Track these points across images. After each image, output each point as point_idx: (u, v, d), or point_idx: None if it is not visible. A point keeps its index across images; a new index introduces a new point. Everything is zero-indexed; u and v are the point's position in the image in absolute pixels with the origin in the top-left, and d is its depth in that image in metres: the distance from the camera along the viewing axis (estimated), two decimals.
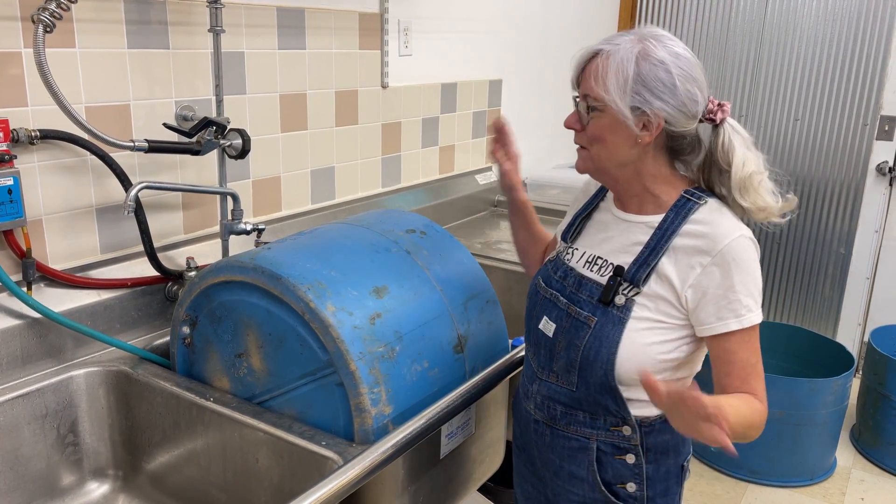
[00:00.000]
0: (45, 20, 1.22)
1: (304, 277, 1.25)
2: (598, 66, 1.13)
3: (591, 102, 1.16)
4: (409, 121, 2.35)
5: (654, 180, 1.19)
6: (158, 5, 1.55)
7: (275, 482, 1.28)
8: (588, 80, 1.15)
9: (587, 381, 1.21)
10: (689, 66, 1.12)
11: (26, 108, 1.37)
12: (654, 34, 1.13)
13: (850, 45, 3.27)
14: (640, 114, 1.11)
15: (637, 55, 1.10)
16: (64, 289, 1.46)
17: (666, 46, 1.11)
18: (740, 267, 1.12)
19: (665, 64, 1.10)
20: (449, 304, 1.40)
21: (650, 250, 1.17)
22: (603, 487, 1.26)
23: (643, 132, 1.13)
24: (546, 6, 2.99)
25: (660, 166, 1.18)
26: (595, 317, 1.19)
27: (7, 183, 1.31)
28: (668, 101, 1.10)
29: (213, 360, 1.39)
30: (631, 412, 1.21)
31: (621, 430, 1.22)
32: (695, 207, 1.16)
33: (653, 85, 1.10)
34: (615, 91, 1.11)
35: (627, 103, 1.11)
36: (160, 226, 1.65)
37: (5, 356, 1.36)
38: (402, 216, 1.58)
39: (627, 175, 1.19)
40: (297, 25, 1.88)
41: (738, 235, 1.12)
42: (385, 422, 1.22)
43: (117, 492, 1.48)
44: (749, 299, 1.12)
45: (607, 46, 1.13)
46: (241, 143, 1.61)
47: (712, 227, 1.14)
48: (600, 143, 1.17)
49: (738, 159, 1.14)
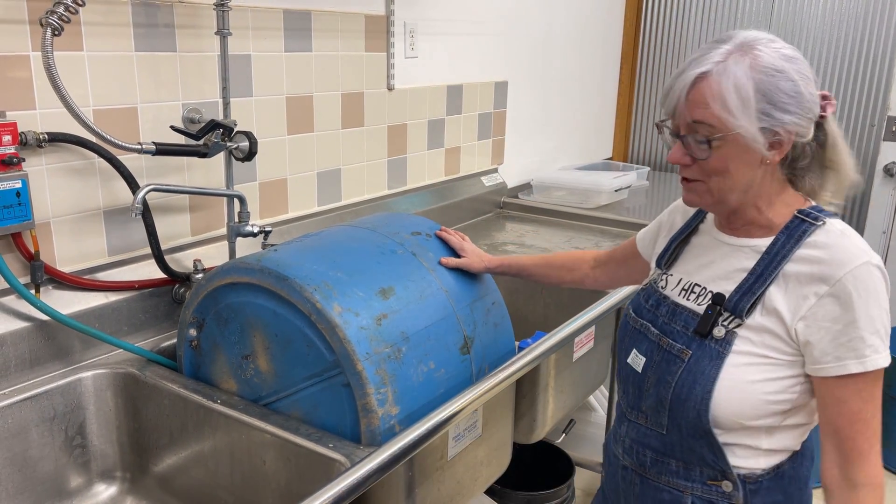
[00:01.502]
0: (53, 23, 1.22)
1: (310, 278, 1.25)
2: (708, 89, 0.98)
3: (709, 133, 1.00)
4: (414, 123, 2.35)
5: (770, 199, 1.07)
6: (165, 8, 1.55)
7: (282, 484, 1.28)
8: (697, 108, 1.00)
9: (679, 423, 1.08)
10: (805, 67, 0.99)
11: (34, 111, 1.37)
12: (754, 40, 1.00)
13: (858, 45, 3.25)
14: (771, 134, 0.99)
15: (750, 68, 0.97)
16: (72, 291, 1.47)
17: (776, 50, 0.99)
18: (864, 298, 0.97)
19: (784, 72, 0.97)
20: (455, 305, 1.40)
21: (756, 277, 1.04)
22: None
23: (771, 151, 1.01)
24: (551, 8, 2.98)
25: (777, 183, 1.06)
26: (690, 350, 1.07)
27: (15, 186, 1.31)
28: (796, 112, 0.99)
29: (219, 362, 1.40)
30: (731, 463, 1.07)
31: (720, 485, 1.08)
32: (811, 230, 1.02)
33: (778, 98, 0.97)
34: (741, 115, 0.97)
35: (756, 125, 0.98)
36: (167, 228, 1.65)
37: (13, 358, 1.37)
38: (407, 219, 1.58)
39: (749, 200, 1.06)
40: (303, 28, 1.88)
41: (863, 262, 0.98)
42: (392, 422, 1.22)
43: (125, 494, 1.48)
44: (875, 338, 0.98)
45: (709, 66, 0.98)
46: (248, 146, 1.62)
47: (831, 252, 1.00)
48: (723, 175, 1.03)
49: (843, 157, 1.04)
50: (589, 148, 3.52)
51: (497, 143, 2.81)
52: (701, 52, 1.01)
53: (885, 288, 1.00)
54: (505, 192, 2.86)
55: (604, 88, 3.56)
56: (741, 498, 1.07)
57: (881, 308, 0.99)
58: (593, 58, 3.39)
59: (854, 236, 1.03)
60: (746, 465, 1.07)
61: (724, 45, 1.00)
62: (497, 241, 2.45)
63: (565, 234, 2.58)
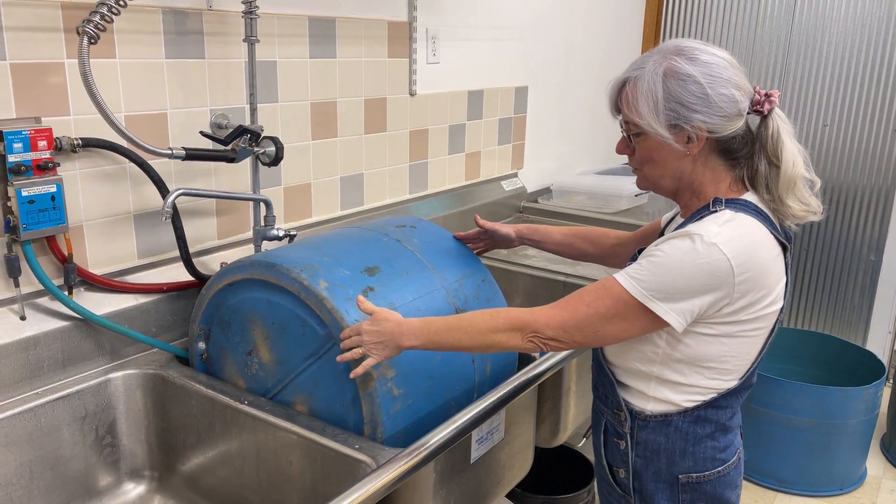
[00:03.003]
0: (90, 32, 1.25)
1: (296, 262, 1.32)
2: (627, 93, 1.16)
3: (632, 129, 1.18)
4: (436, 128, 2.37)
5: (702, 186, 1.19)
6: (195, 16, 1.58)
7: (307, 484, 1.29)
8: (623, 109, 1.18)
9: (597, 358, 1.31)
10: (718, 70, 1.11)
11: (68, 117, 1.40)
12: (677, 49, 1.14)
13: (879, 50, 3.23)
14: (680, 130, 1.13)
15: (663, 75, 1.12)
16: (103, 293, 1.50)
17: (691, 59, 1.12)
18: (670, 252, 1.10)
19: (693, 76, 1.10)
20: (443, 281, 1.45)
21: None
22: (605, 464, 1.33)
23: (688, 145, 1.14)
24: (572, 13, 2.99)
25: (714, 170, 1.18)
26: None
27: (50, 190, 1.34)
28: (705, 111, 1.11)
29: (228, 365, 1.44)
30: (622, 398, 1.25)
31: (619, 414, 1.27)
32: (705, 213, 1.15)
33: (686, 100, 1.11)
34: (648, 115, 1.13)
35: (663, 123, 1.13)
36: (194, 231, 1.68)
37: (46, 359, 1.40)
38: (395, 218, 1.65)
39: (682, 186, 1.21)
40: (327, 34, 1.91)
41: (698, 234, 1.10)
42: (389, 385, 1.26)
43: (153, 492, 1.51)
44: (648, 276, 1.11)
45: (633, 73, 1.15)
46: (275, 151, 1.64)
47: (696, 223, 1.13)
48: (650, 163, 1.20)
49: (787, 155, 1.13)
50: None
51: (517, 148, 2.83)
52: (636, 62, 1.17)
53: (697, 264, 1.08)
54: (525, 197, 2.87)
55: None
56: (629, 427, 1.26)
57: (676, 267, 1.09)
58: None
59: (724, 223, 1.11)
60: (637, 404, 1.25)
61: (654, 55, 1.15)
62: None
63: None
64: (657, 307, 1.11)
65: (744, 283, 1.11)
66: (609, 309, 1.13)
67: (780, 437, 2.62)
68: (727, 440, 1.26)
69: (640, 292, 1.11)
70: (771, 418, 2.61)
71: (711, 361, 1.19)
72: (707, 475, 1.25)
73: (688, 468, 1.25)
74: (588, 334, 1.15)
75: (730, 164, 1.18)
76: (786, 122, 1.15)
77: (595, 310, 1.13)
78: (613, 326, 1.14)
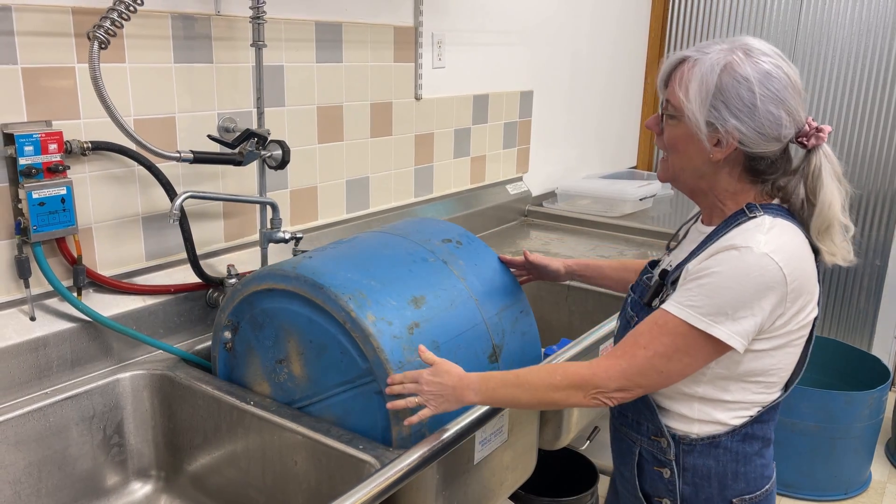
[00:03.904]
0: (100, 37, 1.27)
1: (344, 287, 1.28)
2: (683, 72, 1.10)
3: (669, 109, 1.13)
4: (441, 132, 2.39)
5: (726, 194, 1.15)
6: (203, 21, 1.60)
7: (312, 485, 1.31)
8: (673, 86, 1.12)
9: None
10: (778, 86, 1.05)
11: (78, 120, 1.42)
12: (747, 46, 1.08)
13: (885, 53, 3.23)
14: (714, 130, 1.08)
15: (723, 68, 1.06)
16: (111, 294, 1.51)
17: (756, 63, 1.06)
18: (723, 271, 1.05)
19: (749, 82, 1.05)
20: (484, 313, 1.43)
21: (690, 256, 1.14)
22: (641, 495, 1.25)
23: (715, 148, 1.09)
24: (577, 19, 3.01)
25: (735, 182, 1.13)
26: (637, 317, 1.20)
27: (60, 192, 1.36)
28: (745, 121, 1.06)
29: (253, 366, 1.43)
30: (664, 423, 1.19)
31: (660, 441, 1.19)
32: (743, 220, 1.10)
33: (732, 102, 1.05)
34: (695, 101, 1.07)
35: (704, 116, 1.07)
36: (202, 234, 1.70)
37: (56, 359, 1.42)
38: (437, 225, 1.61)
39: (702, 187, 1.16)
40: (334, 39, 1.92)
41: (747, 246, 1.05)
42: (422, 430, 1.25)
43: (159, 492, 1.52)
44: (705, 302, 1.05)
45: (696, 54, 1.09)
46: (282, 154, 1.66)
47: (737, 233, 1.08)
48: (676, 153, 1.15)
49: (825, 195, 1.08)
50: (613, 157, 3.53)
51: (522, 152, 2.84)
52: (703, 44, 1.11)
53: (752, 278, 1.03)
54: (530, 201, 2.88)
55: (628, 98, 3.57)
56: (673, 454, 1.19)
57: (732, 287, 1.04)
58: (618, 67, 3.40)
59: (768, 230, 1.06)
60: (680, 428, 1.18)
61: (722, 44, 1.09)
62: (521, 248, 2.46)
63: (590, 242, 2.59)
64: (720, 332, 1.05)
65: (794, 292, 1.07)
66: (668, 346, 1.07)
67: (785, 442, 2.62)
68: (770, 454, 1.22)
69: (700, 319, 1.05)
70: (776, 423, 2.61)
71: (759, 376, 1.14)
72: (758, 495, 1.19)
73: (741, 490, 1.18)
74: (652, 378, 1.09)
75: (755, 182, 1.13)
76: (832, 160, 1.10)
77: (654, 350, 1.07)
78: (677, 363, 1.07)
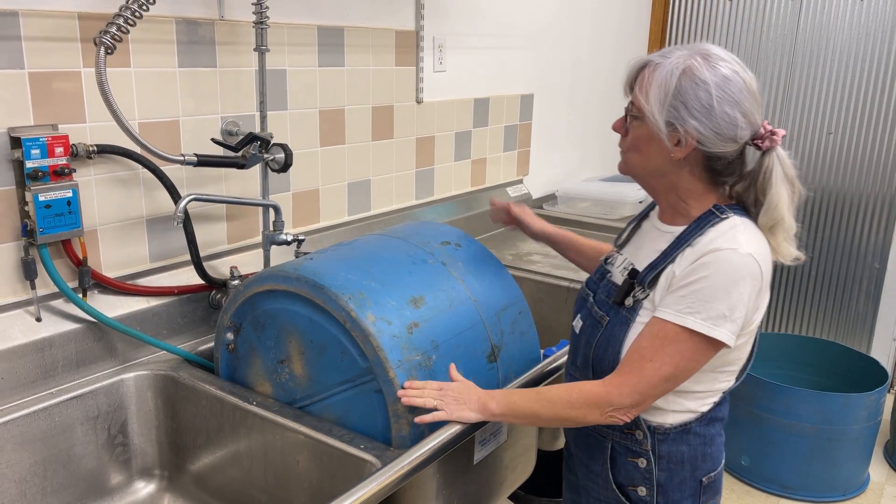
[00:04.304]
0: (106, 42, 1.29)
1: (345, 288, 1.30)
2: (645, 76, 1.16)
3: (633, 111, 1.20)
4: (442, 135, 2.41)
5: (689, 194, 1.20)
6: (207, 26, 1.62)
7: (314, 484, 1.32)
8: (636, 89, 1.19)
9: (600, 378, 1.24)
10: (735, 89, 1.11)
11: (84, 124, 1.44)
12: (706, 52, 1.14)
13: (884, 58, 3.25)
14: (673, 130, 1.14)
15: (682, 71, 1.12)
16: (116, 295, 1.53)
17: (714, 67, 1.12)
18: (714, 274, 1.10)
19: (707, 84, 1.10)
20: (483, 314, 1.45)
21: (663, 256, 1.19)
22: (615, 487, 1.29)
23: (675, 148, 1.15)
24: (578, 22, 3.03)
25: (696, 182, 1.19)
26: (608, 317, 1.24)
27: (66, 195, 1.38)
28: (703, 122, 1.11)
29: (255, 366, 1.45)
30: (641, 417, 1.22)
31: (634, 433, 1.25)
32: (716, 221, 1.16)
33: (691, 103, 1.11)
34: (655, 103, 1.13)
35: (664, 117, 1.13)
36: (205, 236, 1.72)
37: (61, 359, 1.43)
38: (437, 228, 1.62)
39: (663, 186, 1.22)
40: (336, 43, 1.94)
41: (732, 248, 1.11)
42: (422, 428, 1.26)
43: (163, 491, 1.54)
44: (704, 307, 1.10)
45: (658, 58, 1.16)
46: (284, 158, 1.68)
47: (716, 235, 1.14)
48: (636, 151, 1.21)
49: (772, 196, 1.15)
50: (613, 159, 3.53)
51: (522, 155, 2.86)
52: (666, 49, 1.18)
53: (742, 278, 1.10)
54: (530, 203, 2.89)
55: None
56: (649, 444, 1.24)
57: (726, 289, 1.10)
58: (618, 71, 3.41)
59: (743, 231, 1.14)
60: (655, 419, 1.23)
61: (683, 49, 1.16)
62: (521, 251, 2.48)
63: None
64: (721, 334, 1.11)
65: (765, 287, 1.14)
66: (674, 355, 1.12)
67: (784, 443, 2.64)
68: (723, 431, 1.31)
69: (702, 325, 1.10)
70: (774, 424, 2.63)
71: (727, 366, 1.21)
72: (719, 470, 1.29)
73: (707, 469, 1.27)
74: (663, 388, 1.15)
75: (715, 183, 1.20)
76: (785, 163, 1.16)
77: (661, 362, 1.13)
78: (683, 370, 1.14)
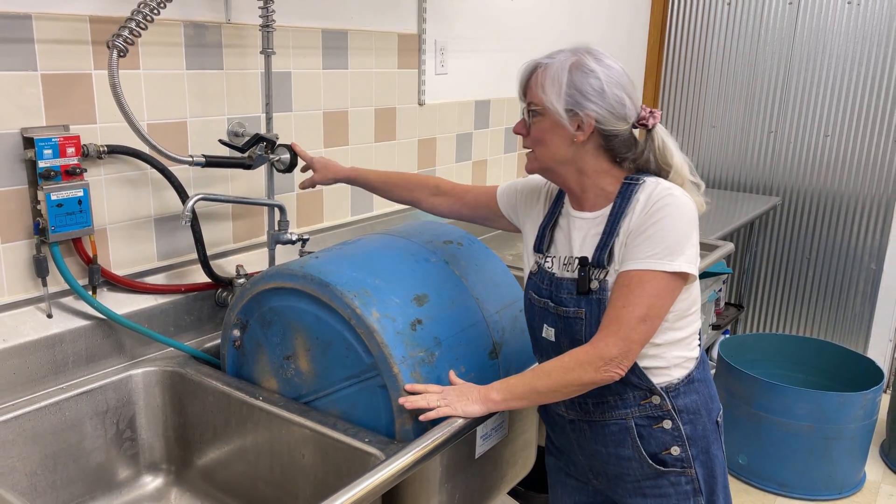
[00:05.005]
0: (119, 46, 1.32)
1: (350, 285, 1.33)
2: (538, 76, 1.28)
3: (532, 108, 1.29)
4: (444, 137, 2.44)
5: (598, 175, 1.30)
6: (214, 29, 1.65)
7: (319, 477, 1.35)
8: (531, 90, 1.29)
9: None
10: (617, 75, 1.26)
11: (95, 125, 1.47)
12: (588, 49, 1.28)
13: (879, 62, 3.28)
14: (574, 115, 1.25)
15: (571, 65, 1.25)
16: (125, 293, 1.56)
17: (598, 60, 1.26)
18: (668, 216, 1.22)
19: (595, 72, 1.24)
20: (484, 312, 1.48)
21: (606, 234, 1.28)
22: (650, 460, 1.33)
23: (578, 132, 1.26)
24: (577, 25, 3.06)
25: (601, 161, 1.29)
26: (582, 308, 1.29)
27: (78, 194, 1.41)
28: (598, 103, 1.24)
29: (262, 362, 1.48)
30: (653, 381, 1.30)
31: (651, 400, 1.31)
32: (635, 188, 1.27)
33: (584, 89, 1.23)
34: (553, 95, 1.24)
35: (563, 105, 1.24)
36: (211, 235, 1.75)
37: (71, 355, 1.46)
38: (439, 227, 1.66)
39: (571, 173, 1.31)
40: (340, 46, 1.98)
41: (669, 193, 1.23)
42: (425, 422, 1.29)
43: (170, 485, 1.57)
44: (659, 247, 1.21)
45: (546, 60, 1.28)
46: (289, 158, 1.71)
47: (652, 189, 1.26)
48: (542, 144, 1.30)
49: (676, 161, 1.30)
50: None
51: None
52: (550, 53, 1.29)
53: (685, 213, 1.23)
54: None
55: None
56: (668, 404, 1.31)
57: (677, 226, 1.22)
58: None
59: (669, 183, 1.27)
60: (663, 379, 1.31)
61: (567, 50, 1.28)
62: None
63: None
64: (680, 265, 1.22)
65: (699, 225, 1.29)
66: (644, 296, 1.21)
67: (781, 442, 2.67)
68: None
69: (660, 262, 1.21)
70: (771, 423, 2.66)
71: (693, 305, 1.31)
72: (721, 408, 1.39)
73: (717, 409, 1.37)
74: (641, 329, 1.22)
75: (616, 161, 1.30)
76: (670, 136, 1.30)
77: (633, 304, 1.22)
78: (656, 308, 1.22)
